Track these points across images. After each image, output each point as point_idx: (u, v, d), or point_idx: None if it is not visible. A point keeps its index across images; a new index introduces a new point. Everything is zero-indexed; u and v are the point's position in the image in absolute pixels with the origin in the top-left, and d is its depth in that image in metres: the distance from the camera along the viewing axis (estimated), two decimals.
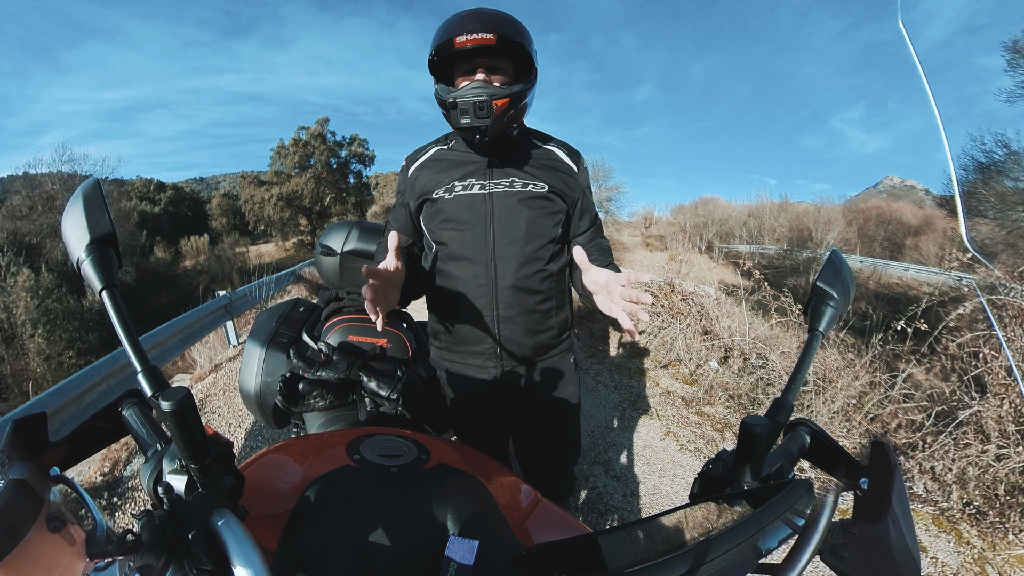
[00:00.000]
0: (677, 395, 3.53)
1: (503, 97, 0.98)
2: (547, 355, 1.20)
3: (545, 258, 1.12)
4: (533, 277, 1.11)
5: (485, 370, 1.17)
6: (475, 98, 0.97)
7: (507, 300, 1.11)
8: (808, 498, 0.43)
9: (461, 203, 1.10)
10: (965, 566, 1.94)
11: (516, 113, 1.03)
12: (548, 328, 1.17)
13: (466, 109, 0.97)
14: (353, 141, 26.95)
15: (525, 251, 1.10)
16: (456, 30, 0.96)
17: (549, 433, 1.27)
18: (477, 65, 1.01)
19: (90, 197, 0.49)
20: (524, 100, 1.03)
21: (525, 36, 1.01)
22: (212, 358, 4.40)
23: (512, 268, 1.10)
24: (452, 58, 1.02)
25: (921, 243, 18.39)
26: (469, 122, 0.98)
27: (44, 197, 14.70)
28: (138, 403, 0.53)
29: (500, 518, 0.62)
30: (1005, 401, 2.25)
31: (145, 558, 0.38)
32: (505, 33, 0.96)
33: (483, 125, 0.98)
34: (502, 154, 1.11)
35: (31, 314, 9.27)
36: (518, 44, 0.98)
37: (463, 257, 1.11)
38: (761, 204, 24.93)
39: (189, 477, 0.44)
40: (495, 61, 1.02)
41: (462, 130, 1.02)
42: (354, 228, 1.58)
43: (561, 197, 1.12)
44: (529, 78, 1.04)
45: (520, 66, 1.05)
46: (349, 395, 1.09)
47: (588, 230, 1.20)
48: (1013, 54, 6.15)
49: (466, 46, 0.96)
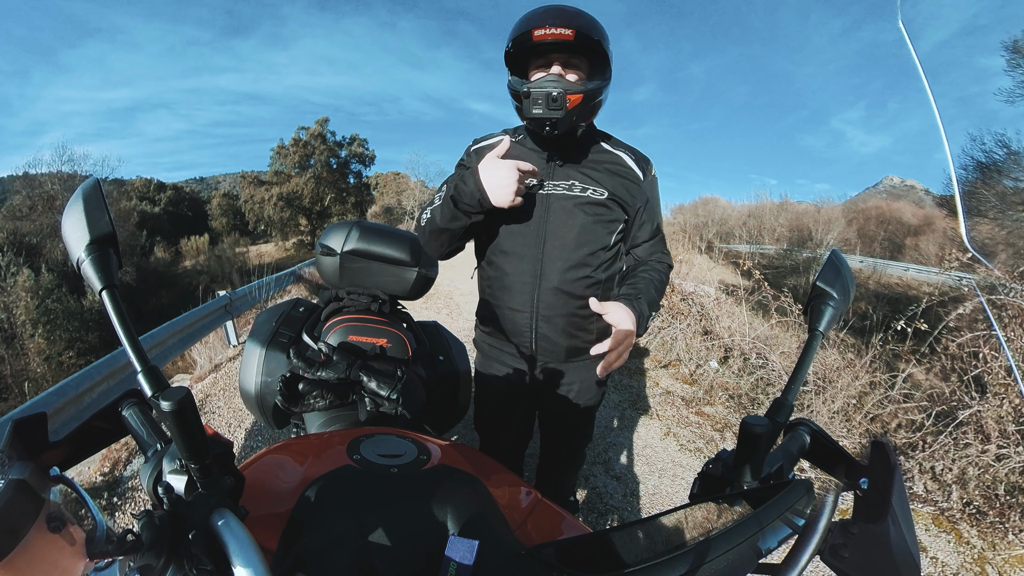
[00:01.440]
0: (677, 395, 3.53)
1: (578, 92, 0.98)
2: (580, 359, 1.22)
3: (594, 265, 1.12)
4: (578, 282, 1.11)
5: (518, 362, 1.22)
6: (550, 89, 0.96)
7: (548, 301, 1.12)
8: (808, 498, 0.42)
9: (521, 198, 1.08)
10: (965, 566, 1.94)
11: (588, 110, 1.03)
12: (587, 332, 1.17)
13: (539, 99, 0.97)
14: (353, 141, 26.96)
15: (574, 256, 1.10)
16: (535, 23, 0.97)
17: (566, 426, 1.33)
18: (553, 60, 1.02)
19: (90, 197, 0.49)
20: (598, 98, 1.03)
21: (603, 34, 1.00)
22: (212, 358, 4.40)
23: (558, 270, 1.10)
24: (529, 51, 1.02)
25: (921, 243, 18.39)
26: (541, 112, 0.98)
27: (44, 197, 14.70)
28: (138, 403, 0.53)
29: (500, 518, 0.62)
30: (1005, 401, 2.25)
31: (145, 558, 0.38)
32: (584, 30, 0.96)
33: (555, 117, 0.98)
34: (566, 153, 1.10)
35: (31, 314, 9.28)
36: (595, 42, 0.98)
37: (512, 252, 1.12)
38: (761, 204, 24.95)
39: (189, 477, 0.44)
40: (571, 57, 1.02)
41: (532, 120, 1.01)
42: (354, 228, 1.58)
43: (621, 205, 1.11)
44: (604, 76, 1.03)
45: (595, 64, 1.04)
46: (349, 395, 1.09)
47: (648, 241, 1.17)
48: (1013, 54, 6.16)
49: (544, 40, 0.97)
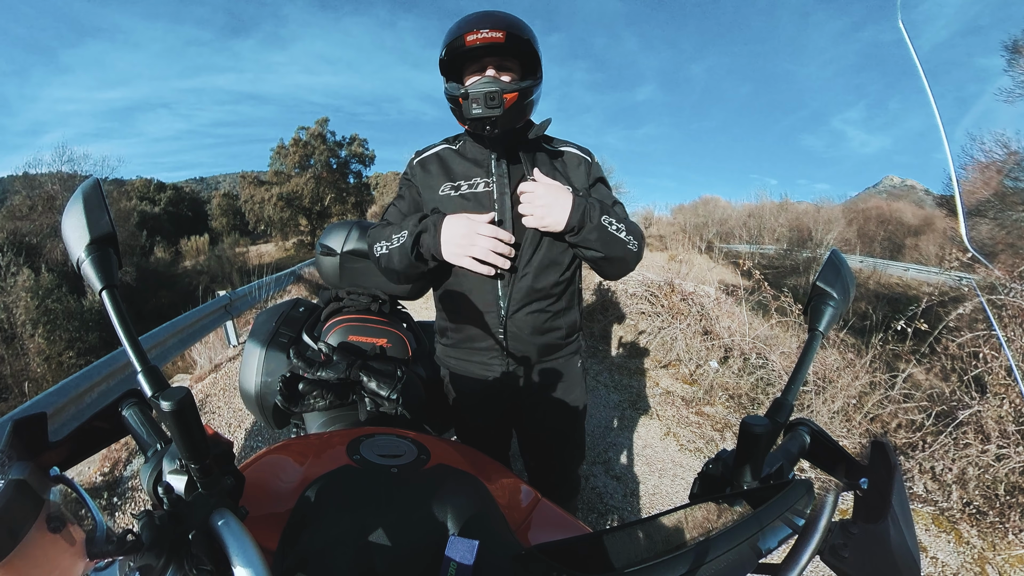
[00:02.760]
0: (677, 395, 3.53)
1: (512, 91, 1.02)
2: (553, 356, 1.20)
3: (563, 263, 1.13)
4: (547, 274, 1.11)
5: (489, 368, 1.17)
6: (487, 89, 1.00)
7: (517, 297, 1.11)
8: (808, 498, 0.42)
9: (466, 202, 1.10)
10: (965, 566, 1.94)
11: (524, 108, 1.06)
12: (556, 328, 1.16)
13: (477, 99, 1.01)
14: (353, 141, 26.97)
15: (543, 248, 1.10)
16: (467, 28, 1.01)
17: (552, 435, 1.26)
18: (487, 63, 1.05)
19: (90, 197, 0.49)
20: (531, 96, 1.07)
21: (532, 35, 1.05)
22: (212, 358, 4.40)
23: (533, 267, 1.10)
24: (462, 56, 1.06)
25: (921, 243, 18.37)
26: (480, 112, 1.01)
27: (44, 197, 14.68)
28: (138, 403, 0.53)
29: (500, 518, 0.62)
30: (1005, 401, 2.25)
31: (145, 558, 0.38)
32: (513, 31, 1.01)
33: (494, 115, 1.01)
34: (511, 153, 1.12)
35: (31, 314, 9.27)
36: (525, 41, 1.02)
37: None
38: (761, 204, 24.90)
39: (189, 477, 0.44)
40: (503, 60, 1.06)
41: (472, 120, 1.04)
42: (354, 228, 1.58)
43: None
44: (536, 75, 1.08)
45: (527, 65, 1.09)
46: (349, 395, 1.09)
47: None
48: (1013, 54, 6.16)
49: (476, 44, 1.00)
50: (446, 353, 1.25)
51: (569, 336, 1.21)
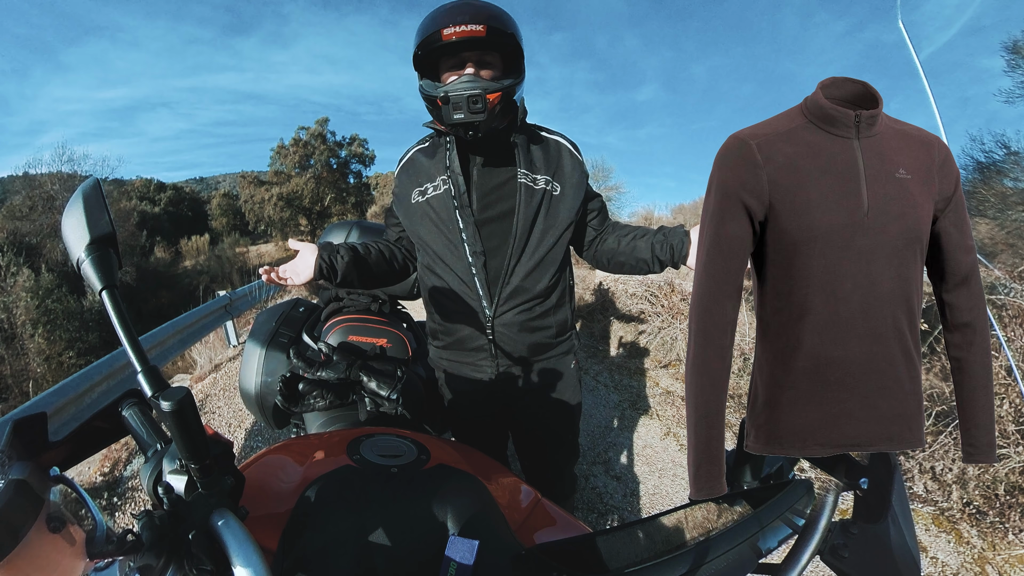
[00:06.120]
0: (677, 395, 3.52)
1: (496, 91, 0.94)
2: (545, 355, 1.17)
3: (556, 259, 1.11)
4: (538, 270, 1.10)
5: (481, 369, 1.15)
6: (469, 91, 0.92)
7: (501, 298, 1.09)
8: (808, 498, 0.43)
9: (429, 208, 1.08)
10: (965, 566, 1.94)
11: (507, 107, 0.99)
12: (545, 327, 1.13)
13: (459, 103, 0.93)
14: (353, 141, 26.96)
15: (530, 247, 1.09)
16: (443, 22, 0.92)
17: (546, 435, 1.25)
18: (466, 59, 0.97)
19: (90, 197, 0.49)
20: (516, 95, 1.00)
21: (515, 27, 0.97)
22: (212, 358, 4.40)
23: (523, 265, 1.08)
24: (438, 52, 0.98)
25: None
26: (463, 117, 0.94)
27: (44, 197, 14.67)
28: (138, 403, 0.53)
29: (500, 518, 0.62)
30: (1005, 401, 2.25)
31: (145, 558, 0.38)
32: (495, 24, 0.93)
33: (478, 120, 0.94)
34: (494, 147, 1.07)
35: (31, 314, 9.27)
36: (509, 35, 0.95)
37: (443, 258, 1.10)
38: None
39: (189, 477, 0.44)
40: (483, 55, 0.98)
41: (454, 126, 0.98)
42: (354, 228, 1.59)
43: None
44: (519, 72, 1.00)
45: (508, 60, 1.01)
46: (349, 395, 1.09)
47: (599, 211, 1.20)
48: (1013, 55, 6.17)
49: (453, 39, 0.92)
50: (438, 355, 1.23)
51: (560, 335, 1.17)
